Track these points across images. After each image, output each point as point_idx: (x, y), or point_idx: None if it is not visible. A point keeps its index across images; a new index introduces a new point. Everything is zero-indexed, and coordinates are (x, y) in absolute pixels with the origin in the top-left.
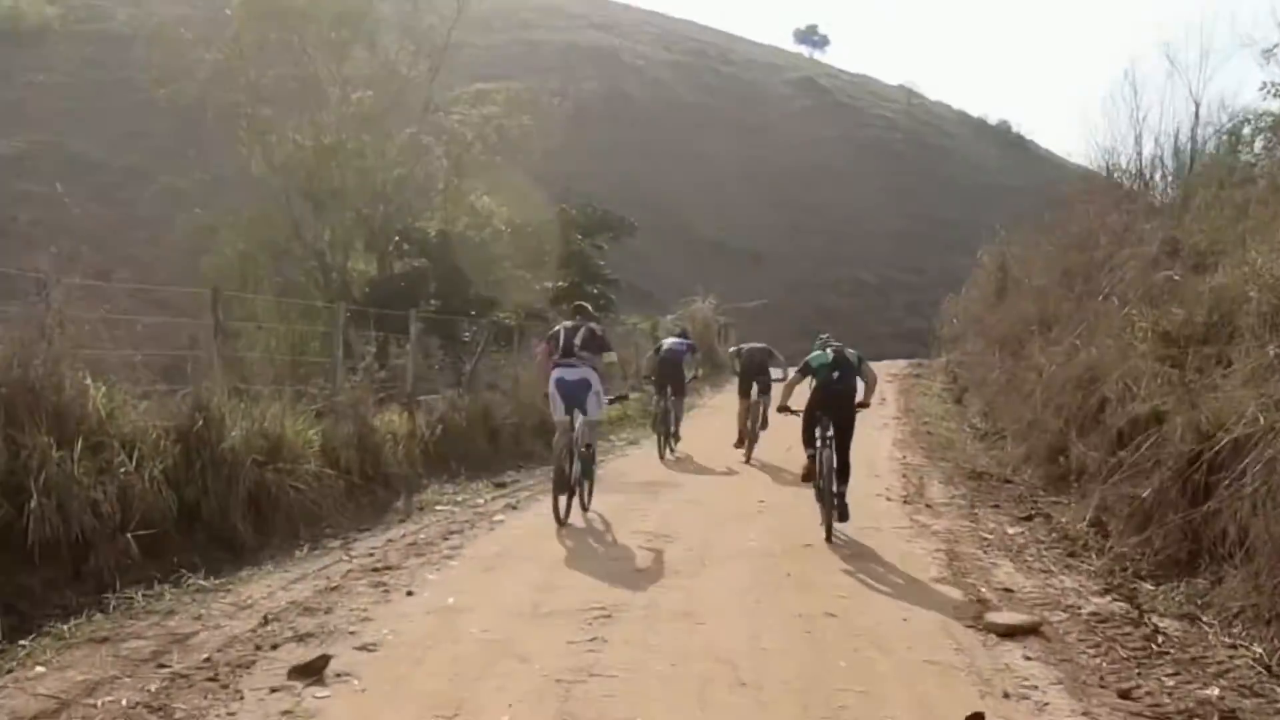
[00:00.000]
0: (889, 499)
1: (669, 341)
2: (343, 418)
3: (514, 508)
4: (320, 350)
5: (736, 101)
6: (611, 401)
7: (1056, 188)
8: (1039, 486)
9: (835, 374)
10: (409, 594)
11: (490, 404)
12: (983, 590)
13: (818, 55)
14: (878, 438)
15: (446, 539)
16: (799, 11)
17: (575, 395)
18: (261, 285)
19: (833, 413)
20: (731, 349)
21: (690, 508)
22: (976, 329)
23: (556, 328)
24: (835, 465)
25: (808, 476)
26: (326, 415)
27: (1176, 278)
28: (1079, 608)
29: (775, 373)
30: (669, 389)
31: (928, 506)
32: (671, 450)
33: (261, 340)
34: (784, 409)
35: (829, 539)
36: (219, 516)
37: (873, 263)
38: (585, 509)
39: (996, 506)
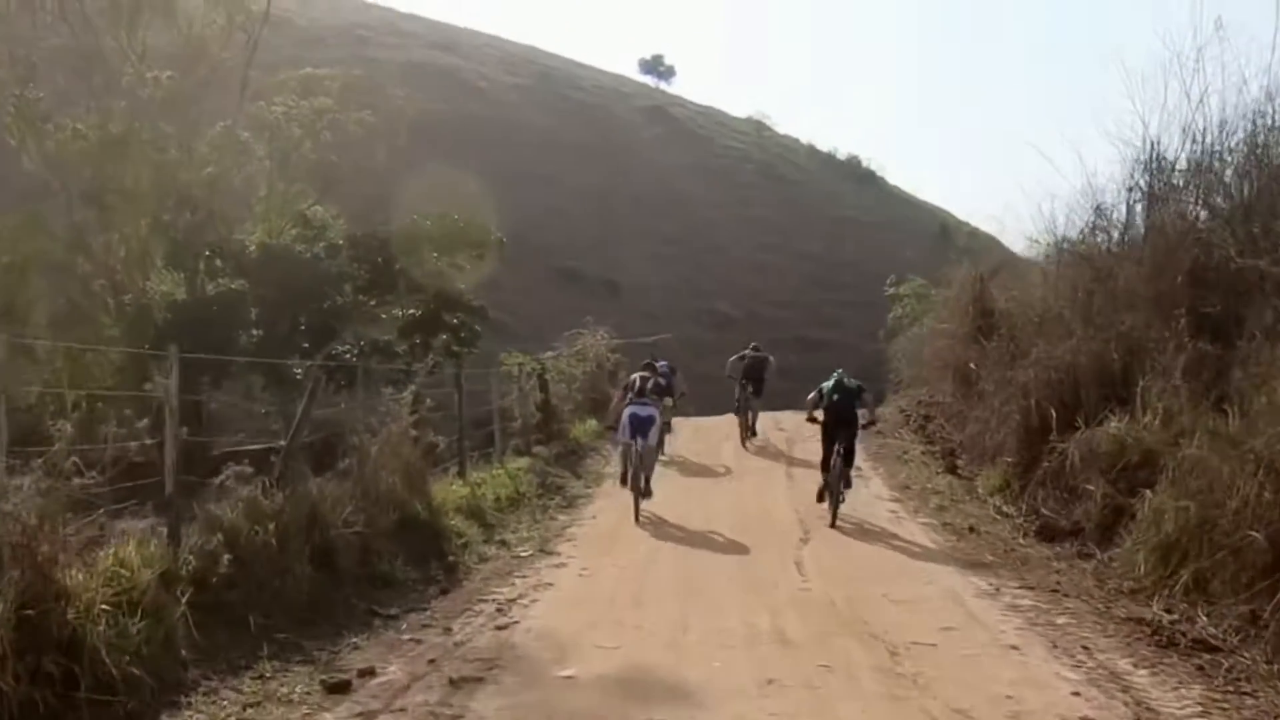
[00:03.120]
0: None
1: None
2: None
3: None
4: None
5: (586, 127)
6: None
7: (917, 223)
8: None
9: (835, 396)
10: None
11: (319, 501)
12: None
13: (664, 86)
14: (912, 539)
15: None
16: (643, 41)
17: (642, 426)
18: (34, 309)
19: (839, 426)
20: (734, 357)
21: None
22: (953, 375)
23: (632, 376)
24: (841, 469)
25: (821, 497)
26: None
27: None
28: None
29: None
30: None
31: None
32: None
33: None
34: (812, 419)
35: (833, 524)
36: None
37: (734, 295)
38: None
39: None
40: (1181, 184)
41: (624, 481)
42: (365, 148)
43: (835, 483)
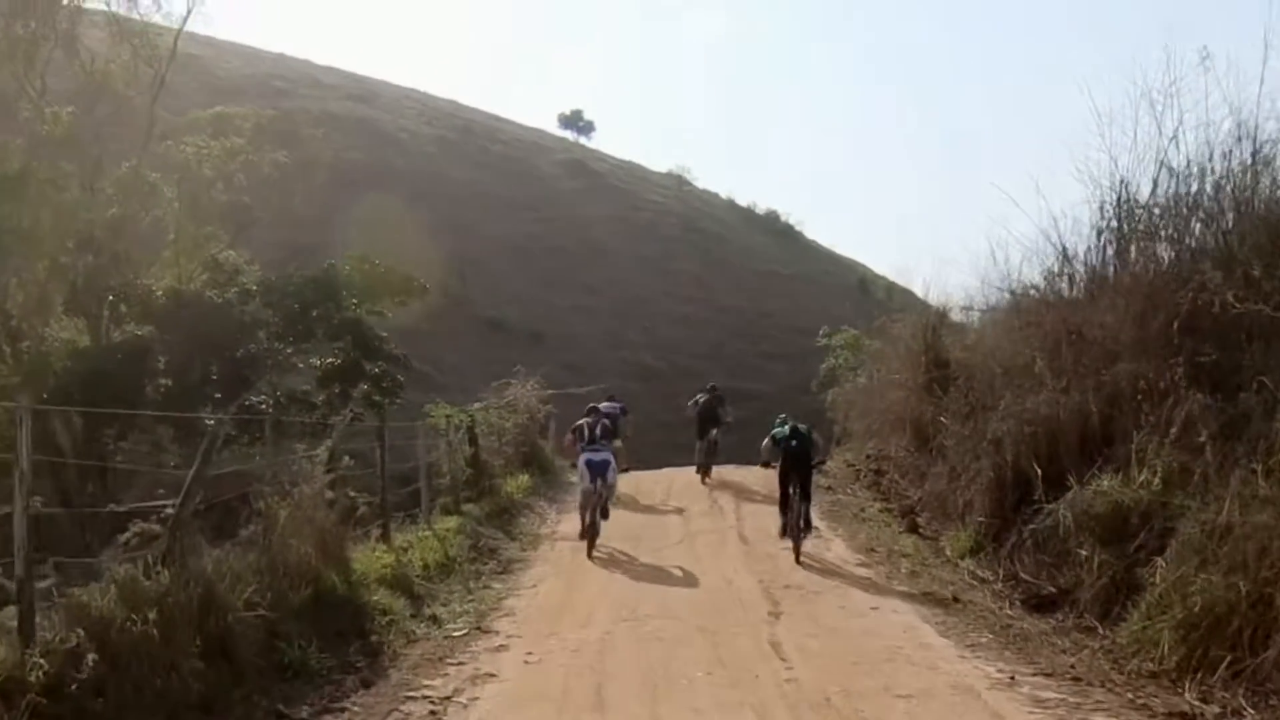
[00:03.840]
0: None
1: (604, 406)
2: None
3: None
4: None
5: (507, 179)
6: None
7: (835, 277)
8: None
9: (793, 441)
10: None
11: (215, 579)
12: None
13: (583, 140)
14: (895, 611)
15: None
16: (561, 98)
17: (599, 470)
18: None
19: (796, 468)
20: (690, 401)
21: None
22: (909, 428)
23: (580, 423)
24: (804, 508)
25: (784, 534)
26: None
27: None
28: None
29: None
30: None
31: None
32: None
33: None
34: (766, 465)
35: (798, 561)
36: None
37: (657, 347)
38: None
39: None
40: (1158, 223)
41: (583, 535)
42: (281, 190)
43: (796, 521)
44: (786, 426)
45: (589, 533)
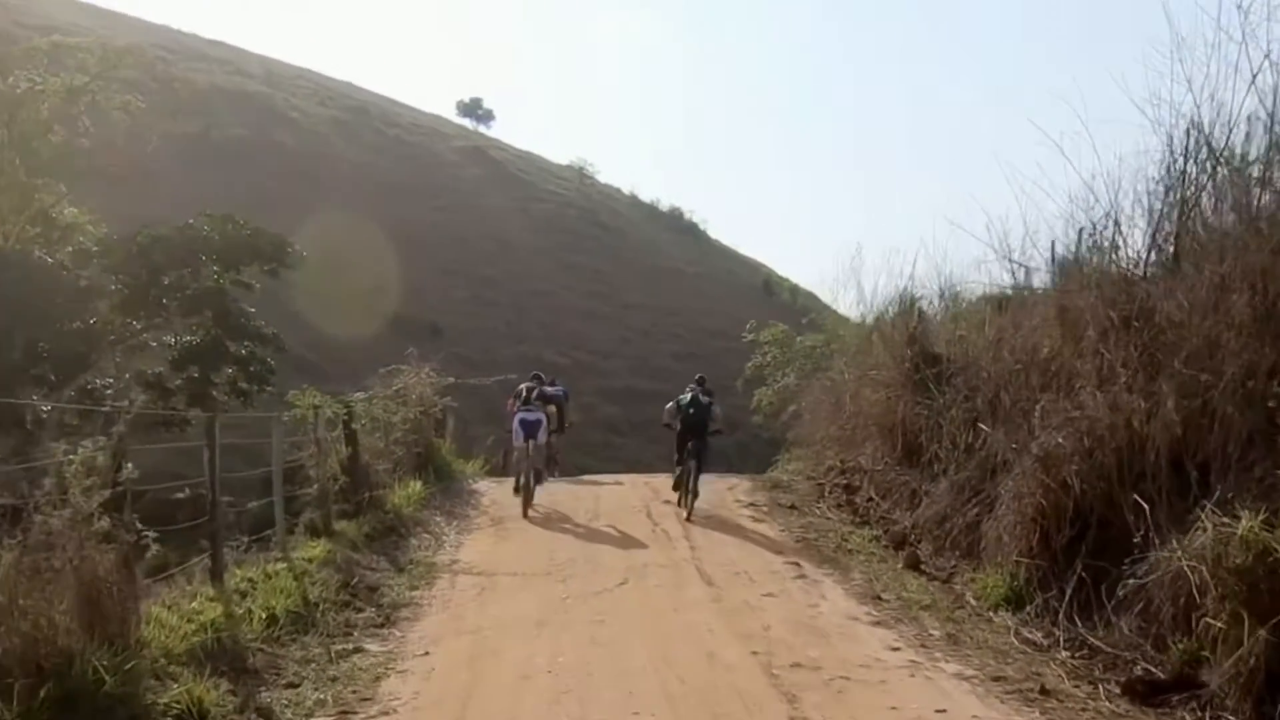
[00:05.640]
0: None
1: (550, 390)
2: None
3: None
4: None
5: (402, 164)
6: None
7: (739, 277)
8: None
9: (692, 410)
10: None
11: None
12: None
13: (483, 129)
14: (971, 715)
15: None
16: (459, 84)
17: (532, 429)
18: None
19: (693, 433)
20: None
21: None
22: (895, 437)
23: (520, 387)
24: (695, 469)
25: (677, 486)
26: None
27: None
28: None
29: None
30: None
31: None
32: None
33: None
34: (668, 425)
35: (689, 518)
36: None
37: (559, 342)
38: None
39: None
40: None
41: (517, 490)
42: (133, 138)
43: (687, 481)
44: (689, 394)
45: (525, 492)
